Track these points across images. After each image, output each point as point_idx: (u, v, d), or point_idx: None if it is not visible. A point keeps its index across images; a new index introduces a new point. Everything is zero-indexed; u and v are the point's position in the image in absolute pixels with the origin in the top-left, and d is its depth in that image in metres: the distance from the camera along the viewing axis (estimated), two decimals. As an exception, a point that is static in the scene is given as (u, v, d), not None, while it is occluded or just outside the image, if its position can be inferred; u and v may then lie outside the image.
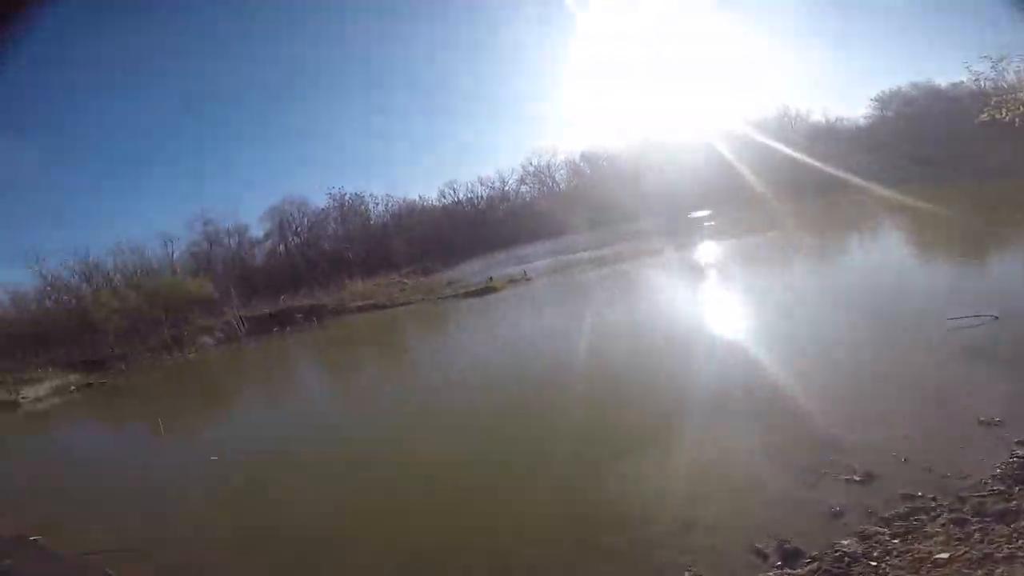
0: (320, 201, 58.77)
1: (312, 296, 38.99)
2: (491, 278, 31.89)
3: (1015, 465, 5.40)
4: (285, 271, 53.20)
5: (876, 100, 45.93)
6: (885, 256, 18.07)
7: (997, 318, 9.22)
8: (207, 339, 30.56)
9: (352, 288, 41.01)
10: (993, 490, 5.10)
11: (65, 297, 42.55)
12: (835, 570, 4.56)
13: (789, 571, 4.67)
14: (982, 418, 6.43)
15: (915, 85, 43.24)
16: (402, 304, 32.12)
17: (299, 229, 58.91)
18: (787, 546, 4.97)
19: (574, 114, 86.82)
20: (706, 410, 8.30)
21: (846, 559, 4.64)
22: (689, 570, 4.94)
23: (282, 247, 59.05)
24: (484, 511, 6.99)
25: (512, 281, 30.12)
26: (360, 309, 33.49)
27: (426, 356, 19.09)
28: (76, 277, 44.38)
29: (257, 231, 58.37)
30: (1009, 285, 11.80)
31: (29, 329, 35.07)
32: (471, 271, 40.08)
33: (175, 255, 52.29)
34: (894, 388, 7.81)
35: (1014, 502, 4.83)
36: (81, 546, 7.72)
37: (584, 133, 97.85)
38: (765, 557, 4.93)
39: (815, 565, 4.68)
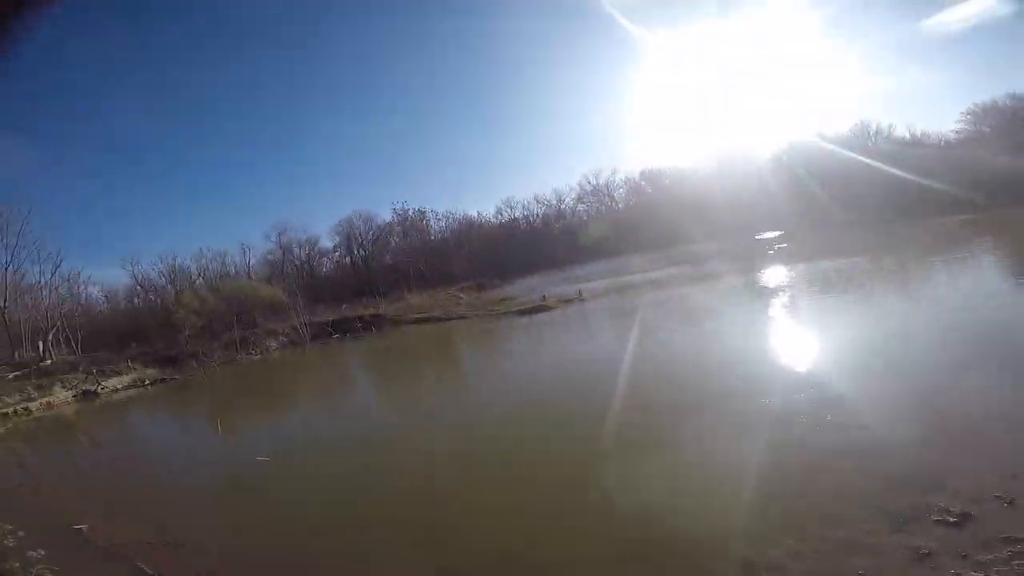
0: (385, 214, 61.43)
1: (373, 306, 40.23)
2: (544, 297, 31.59)
3: None
4: (349, 281, 55.59)
5: (969, 114, 41.79)
6: (995, 286, 15.97)
7: None
8: (273, 343, 32.11)
9: (410, 300, 42.04)
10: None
11: (152, 296, 46.63)
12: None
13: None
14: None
15: (1013, 96, 39.04)
16: (457, 318, 32.44)
17: (364, 242, 61.58)
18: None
19: (637, 131, 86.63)
20: (776, 441, 7.50)
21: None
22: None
23: (348, 259, 61.88)
24: (516, 536, 6.57)
25: (565, 301, 29.64)
26: (417, 321, 34.11)
27: (477, 371, 18.99)
28: (163, 278, 48.67)
29: (327, 242, 61.75)
30: None
31: (120, 325, 38.57)
32: (526, 288, 39.95)
33: (251, 262, 56.14)
34: (999, 425, 6.77)
35: None
36: (121, 536, 7.87)
37: (646, 150, 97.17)
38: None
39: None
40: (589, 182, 64.47)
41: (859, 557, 4.79)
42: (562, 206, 65.73)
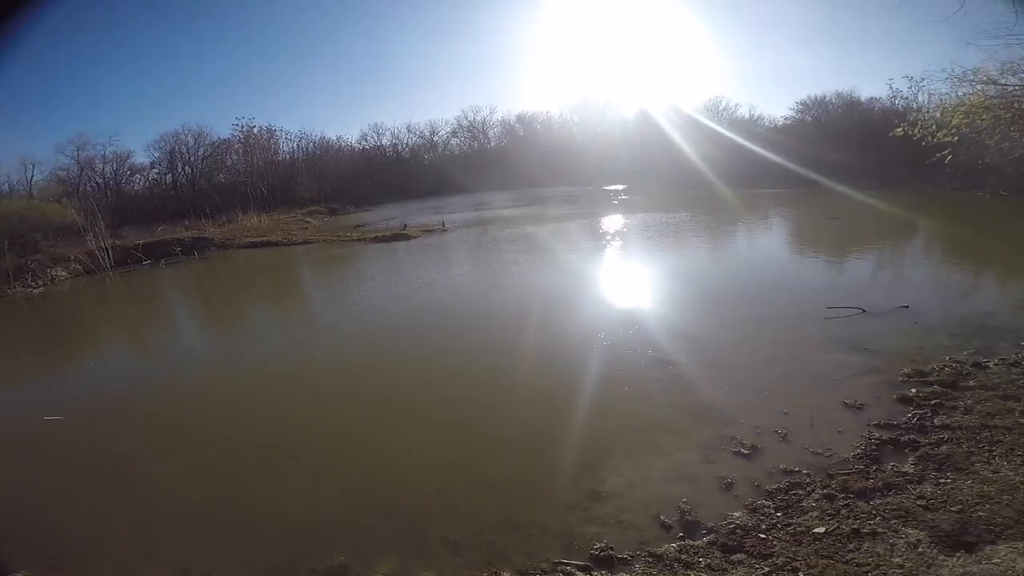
0: (225, 133, 52.87)
1: (197, 228, 34.96)
2: (405, 225, 30.66)
3: (872, 446, 5.81)
4: (169, 202, 47.58)
5: (800, 104, 48.02)
6: (781, 246, 19.38)
7: (864, 311, 10.12)
8: (62, 272, 26.09)
9: (245, 222, 37.59)
10: (855, 469, 5.43)
11: None
12: (730, 543, 4.60)
13: (691, 542, 4.67)
14: (846, 401, 6.85)
15: (839, 94, 45.87)
16: (301, 243, 30.00)
17: (192, 159, 52.47)
18: (688, 518, 4.96)
19: (520, 77, 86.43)
20: (599, 374, 8.40)
21: (739, 531, 4.71)
22: (600, 542, 4.78)
23: (169, 176, 52.41)
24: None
25: (428, 230, 29.01)
26: (252, 245, 30.69)
27: (313, 299, 17.63)
28: None
29: (144, 159, 51.25)
30: (877, 282, 13.20)
31: None
32: (386, 216, 38.44)
33: (34, 179, 44.60)
34: (773, 368, 8.17)
35: (871, 481, 5.18)
36: None
37: (525, 96, 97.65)
38: (668, 528, 4.90)
39: (712, 537, 4.70)
40: (467, 118, 62.77)
41: (681, 485, 5.52)
42: (435, 138, 63.34)
